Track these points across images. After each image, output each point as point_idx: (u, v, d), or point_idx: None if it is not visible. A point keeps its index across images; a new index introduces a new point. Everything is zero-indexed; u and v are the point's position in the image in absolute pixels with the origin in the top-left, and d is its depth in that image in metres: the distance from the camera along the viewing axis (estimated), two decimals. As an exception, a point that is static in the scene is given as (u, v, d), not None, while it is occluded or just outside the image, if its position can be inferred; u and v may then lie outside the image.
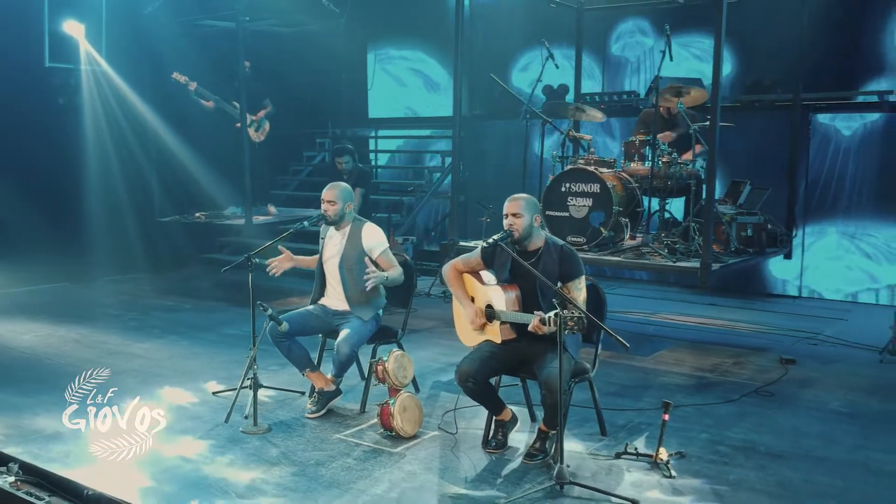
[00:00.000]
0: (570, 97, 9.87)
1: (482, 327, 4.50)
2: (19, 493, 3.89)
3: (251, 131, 9.03)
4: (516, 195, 4.45)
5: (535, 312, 4.16)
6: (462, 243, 7.49)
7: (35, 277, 8.95)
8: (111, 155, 9.61)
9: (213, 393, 5.44)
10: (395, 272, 5.09)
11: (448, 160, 10.72)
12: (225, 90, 9.03)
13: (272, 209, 9.73)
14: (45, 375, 5.78)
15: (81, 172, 9.43)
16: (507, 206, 4.40)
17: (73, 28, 9.24)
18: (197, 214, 9.56)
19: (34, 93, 9.10)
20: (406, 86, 12.35)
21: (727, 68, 9.10)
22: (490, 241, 4.34)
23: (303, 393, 5.36)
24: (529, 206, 4.39)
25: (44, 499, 3.84)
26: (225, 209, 9.72)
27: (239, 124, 8.83)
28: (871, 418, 5.19)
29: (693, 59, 9.88)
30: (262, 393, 4.97)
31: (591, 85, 10.34)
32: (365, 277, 4.92)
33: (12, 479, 4.03)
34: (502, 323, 4.39)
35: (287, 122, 10.27)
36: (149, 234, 9.89)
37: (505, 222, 4.39)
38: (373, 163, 12.09)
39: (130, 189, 9.81)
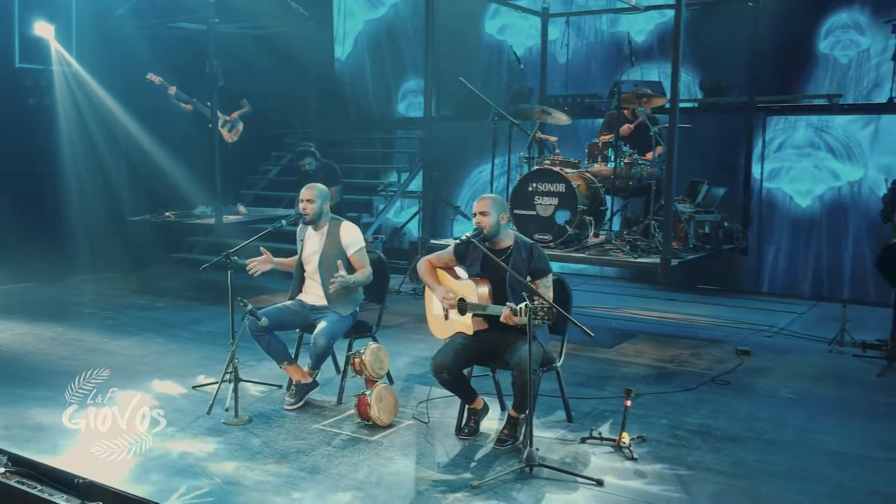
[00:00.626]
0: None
1: (454, 306, 4.69)
2: (11, 483, 4.00)
3: (224, 132, 9.09)
4: (484, 195, 4.76)
5: (506, 304, 4.40)
6: (433, 241, 7.72)
7: (6, 277, 8.95)
8: (82, 155, 9.62)
9: (193, 387, 5.58)
10: (364, 273, 5.24)
11: (416, 160, 10.94)
12: (199, 91, 9.10)
13: (242, 209, 9.80)
14: (24, 372, 5.89)
15: (52, 173, 9.44)
16: (476, 206, 4.68)
17: (43, 29, 9.23)
18: (167, 214, 9.58)
19: (5, 93, 9.08)
20: None
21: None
22: (463, 237, 4.62)
23: (280, 386, 5.53)
24: (496, 205, 4.65)
25: (36, 487, 3.96)
26: (195, 209, 9.78)
27: (211, 125, 8.91)
28: (818, 404, 5.53)
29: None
30: (241, 386, 5.12)
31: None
32: (331, 281, 5.09)
33: (2, 470, 4.12)
34: (474, 315, 4.62)
35: (256, 122, 10.36)
36: (119, 233, 9.86)
37: (474, 220, 4.67)
38: (342, 163, 12.21)
39: (101, 188, 9.82)
